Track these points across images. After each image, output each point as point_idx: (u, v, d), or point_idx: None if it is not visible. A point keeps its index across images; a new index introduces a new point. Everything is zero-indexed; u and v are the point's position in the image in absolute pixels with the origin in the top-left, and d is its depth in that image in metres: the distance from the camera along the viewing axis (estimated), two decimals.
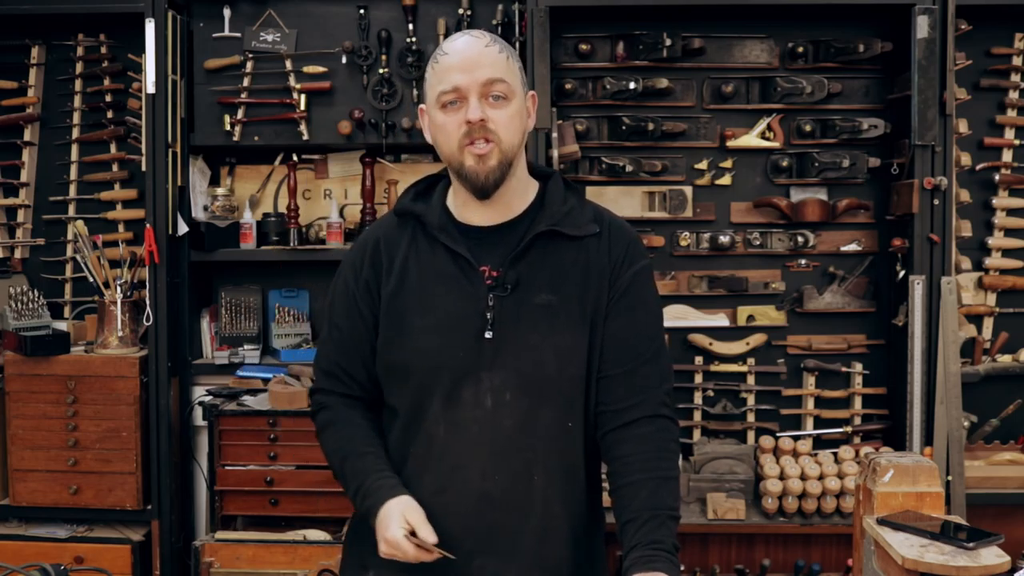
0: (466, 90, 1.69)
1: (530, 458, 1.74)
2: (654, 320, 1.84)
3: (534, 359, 1.73)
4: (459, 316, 1.74)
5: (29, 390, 3.21)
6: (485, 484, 1.73)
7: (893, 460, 1.91)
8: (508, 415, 1.73)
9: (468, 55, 1.71)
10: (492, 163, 1.70)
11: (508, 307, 1.73)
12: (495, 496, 1.74)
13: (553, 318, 1.74)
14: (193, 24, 3.39)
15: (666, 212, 3.31)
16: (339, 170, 3.59)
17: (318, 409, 1.89)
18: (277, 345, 3.56)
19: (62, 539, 3.21)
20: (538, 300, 1.74)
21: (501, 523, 1.74)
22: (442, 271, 1.76)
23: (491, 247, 1.77)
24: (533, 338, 1.73)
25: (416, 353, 1.75)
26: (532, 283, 1.75)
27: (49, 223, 3.58)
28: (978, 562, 1.64)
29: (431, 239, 1.78)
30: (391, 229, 1.83)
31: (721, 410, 3.30)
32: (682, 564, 3.07)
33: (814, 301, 3.32)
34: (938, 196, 3.04)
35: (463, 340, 1.73)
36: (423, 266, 1.77)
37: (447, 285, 1.75)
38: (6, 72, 3.53)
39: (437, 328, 1.74)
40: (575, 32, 3.29)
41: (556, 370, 1.74)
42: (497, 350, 1.72)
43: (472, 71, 1.69)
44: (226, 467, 3.20)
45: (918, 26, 3.00)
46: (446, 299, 1.75)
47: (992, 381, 3.22)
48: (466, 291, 1.74)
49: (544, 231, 1.76)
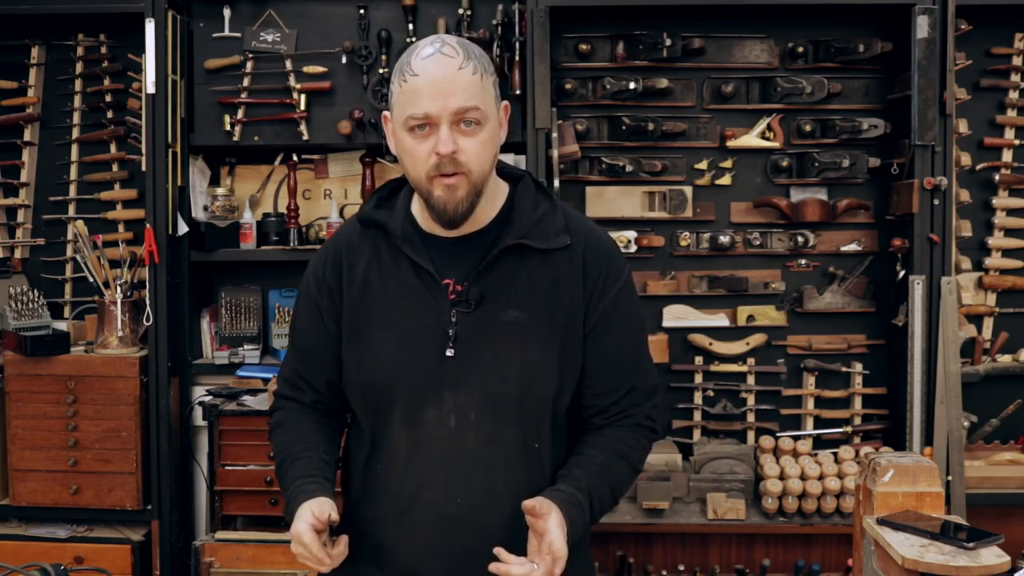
0: (437, 118, 1.57)
1: (495, 479, 1.67)
2: (640, 335, 1.79)
3: (499, 378, 1.64)
4: (421, 331, 1.65)
5: (29, 390, 3.20)
6: (448, 507, 1.66)
7: (893, 460, 1.91)
8: (472, 436, 1.65)
9: (440, 80, 1.57)
10: (461, 194, 1.60)
11: (472, 323, 1.65)
12: (458, 518, 1.66)
13: (520, 336, 1.65)
14: (193, 24, 3.39)
15: (666, 212, 3.31)
16: (339, 170, 3.59)
17: (272, 411, 1.85)
18: (277, 345, 3.56)
19: (62, 539, 3.21)
20: (504, 317, 1.65)
21: (465, 546, 1.67)
22: (404, 283, 1.68)
23: (456, 259, 1.68)
24: (499, 356, 1.64)
25: (375, 368, 1.67)
26: (498, 298, 1.66)
27: (49, 223, 3.58)
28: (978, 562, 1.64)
29: (394, 249, 1.69)
30: (353, 236, 1.75)
31: (721, 410, 3.30)
32: (681, 564, 3.10)
33: (814, 301, 3.32)
34: (938, 196, 3.04)
35: (423, 357, 1.65)
36: (385, 277, 1.69)
37: (409, 298, 1.67)
38: (6, 72, 3.53)
39: (398, 342, 1.66)
40: (575, 32, 3.29)
41: (522, 390, 1.65)
42: (460, 368, 1.64)
43: (444, 98, 1.56)
44: (226, 467, 3.20)
45: (918, 26, 3.00)
46: (408, 313, 1.66)
47: (992, 381, 3.22)
48: (428, 305, 1.66)
49: (512, 244, 1.66)
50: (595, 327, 1.72)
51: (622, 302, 1.74)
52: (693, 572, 3.12)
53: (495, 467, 1.67)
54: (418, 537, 1.69)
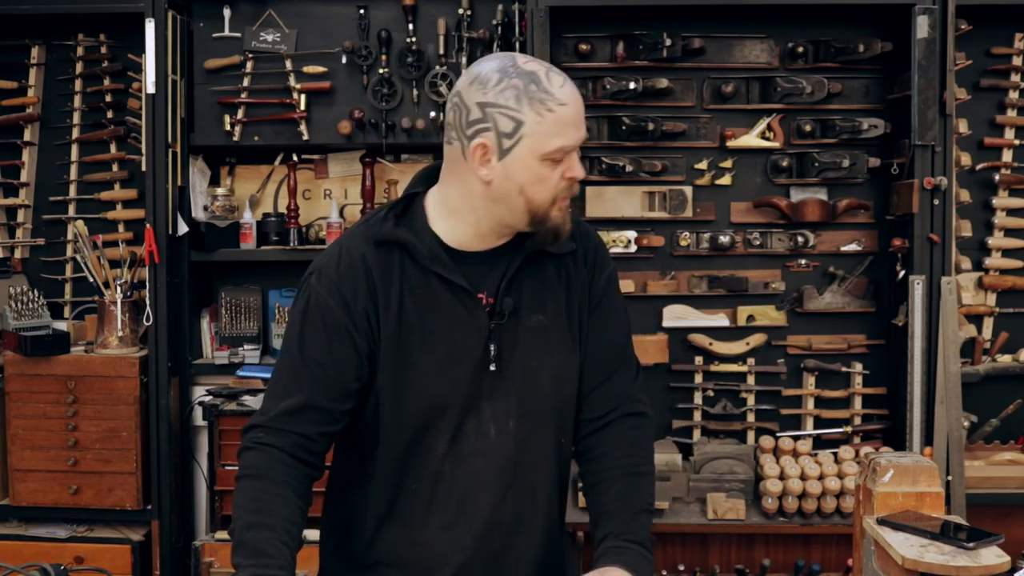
0: (573, 147, 1.61)
1: (533, 479, 1.73)
2: (626, 324, 1.84)
3: (532, 384, 1.70)
4: (461, 349, 1.66)
5: (29, 390, 3.20)
6: (494, 513, 1.71)
7: (893, 460, 1.90)
8: (512, 442, 1.70)
9: (580, 109, 1.61)
10: (567, 212, 1.68)
11: (507, 333, 1.68)
12: (504, 522, 1.72)
13: (546, 340, 1.71)
14: (193, 24, 3.39)
15: (666, 212, 3.31)
16: (339, 170, 3.59)
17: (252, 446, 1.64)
18: (277, 345, 3.56)
19: (62, 539, 3.21)
20: (529, 323, 1.70)
21: (509, 544, 1.73)
22: (439, 303, 1.66)
23: (484, 272, 1.69)
24: (531, 363, 1.69)
25: (419, 393, 1.66)
26: (522, 305, 1.70)
27: (49, 223, 3.57)
28: (978, 562, 1.64)
29: (422, 269, 1.66)
30: (371, 256, 1.67)
31: (721, 410, 3.30)
32: (681, 564, 3.10)
33: (814, 301, 3.32)
34: (938, 196, 3.04)
35: (466, 374, 1.67)
36: (419, 300, 1.66)
37: (446, 318, 1.66)
38: (6, 72, 3.53)
39: (440, 366, 1.66)
40: (575, 32, 3.28)
41: (553, 392, 1.72)
42: (498, 378, 1.68)
43: (581, 126, 1.62)
44: (226, 467, 3.20)
45: (918, 26, 3.00)
46: (447, 334, 1.66)
47: (992, 381, 3.21)
48: (466, 322, 1.66)
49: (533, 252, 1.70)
50: (595, 320, 1.78)
51: (612, 292, 1.81)
52: (693, 572, 3.12)
53: (534, 469, 1.73)
54: (463, 547, 1.71)
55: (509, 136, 1.58)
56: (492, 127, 1.58)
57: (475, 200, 1.65)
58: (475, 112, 1.59)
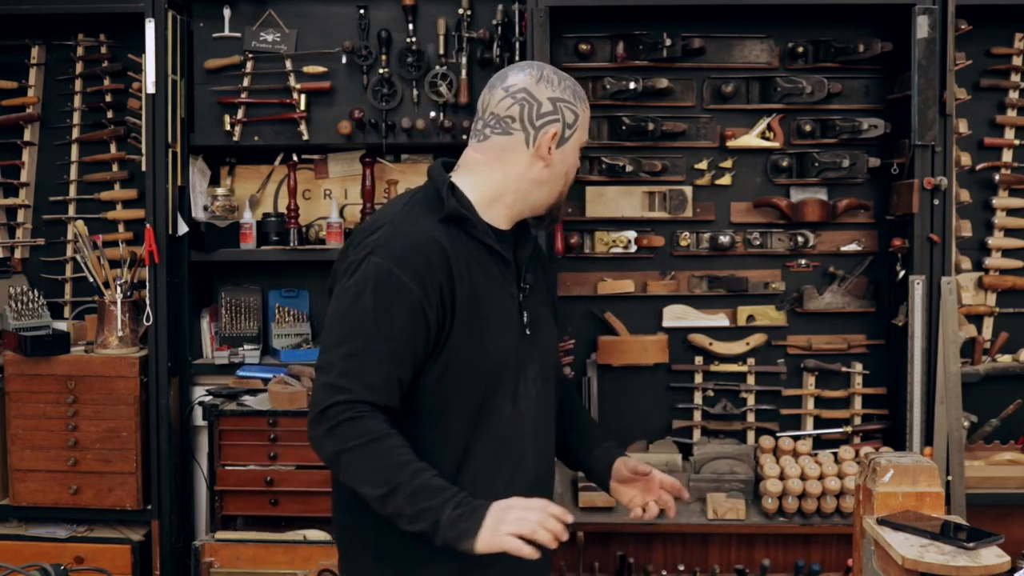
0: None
1: (550, 433, 1.98)
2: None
3: (546, 346, 1.94)
4: (509, 315, 1.85)
5: (29, 390, 3.21)
6: (537, 466, 1.91)
7: (893, 460, 1.91)
8: (542, 402, 1.92)
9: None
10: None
11: (528, 302, 1.89)
12: (542, 474, 1.93)
13: (544, 307, 1.96)
14: (193, 24, 3.40)
15: (666, 212, 3.31)
16: (339, 170, 3.59)
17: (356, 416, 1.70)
18: (277, 345, 3.56)
19: (62, 539, 3.21)
20: (537, 295, 1.93)
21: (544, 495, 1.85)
22: (492, 274, 1.84)
23: (509, 248, 1.88)
24: (545, 329, 1.94)
25: (492, 357, 1.81)
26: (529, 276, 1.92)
27: (49, 223, 3.58)
28: (978, 562, 1.64)
29: (475, 241, 1.82)
30: (439, 234, 1.79)
31: (721, 410, 3.30)
32: (682, 564, 3.11)
33: (814, 301, 3.32)
34: (938, 196, 3.04)
35: (516, 338, 1.86)
36: (480, 269, 1.82)
37: (496, 288, 1.84)
38: (6, 72, 3.53)
39: (500, 331, 1.83)
40: (575, 32, 3.28)
41: (556, 356, 2.01)
42: (531, 342, 1.88)
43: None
44: (226, 467, 3.20)
45: (918, 26, 3.00)
46: (498, 302, 1.84)
47: (992, 381, 3.21)
48: (509, 292, 1.86)
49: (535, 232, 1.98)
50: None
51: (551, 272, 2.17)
52: (693, 572, 3.12)
53: (551, 423, 1.98)
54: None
55: (570, 127, 1.86)
56: (560, 119, 1.84)
57: (523, 184, 1.86)
58: (547, 105, 1.83)
